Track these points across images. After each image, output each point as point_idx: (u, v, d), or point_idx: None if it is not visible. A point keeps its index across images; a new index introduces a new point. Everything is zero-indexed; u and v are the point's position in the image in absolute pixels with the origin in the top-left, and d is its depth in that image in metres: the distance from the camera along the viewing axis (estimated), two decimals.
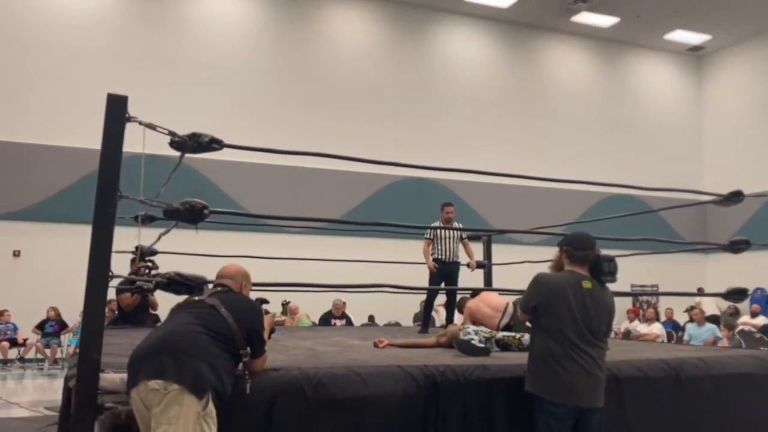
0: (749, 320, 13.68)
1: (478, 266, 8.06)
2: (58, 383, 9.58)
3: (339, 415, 3.45)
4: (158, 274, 3.67)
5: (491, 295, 6.59)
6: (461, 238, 7.81)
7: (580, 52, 18.59)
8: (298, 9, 15.84)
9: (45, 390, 10.20)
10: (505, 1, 16.62)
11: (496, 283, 8.51)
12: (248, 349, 3.20)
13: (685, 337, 12.39)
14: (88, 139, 9.95)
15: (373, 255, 10.03)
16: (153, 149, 3.78)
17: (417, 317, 13.81)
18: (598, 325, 3.63)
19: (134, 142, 3.60)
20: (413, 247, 8.37)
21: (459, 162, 11.74)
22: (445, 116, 16.66)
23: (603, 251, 3.84)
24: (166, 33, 14.70)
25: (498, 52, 17.72)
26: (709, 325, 12.25)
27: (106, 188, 3.32)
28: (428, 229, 7.63)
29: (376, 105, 16.08)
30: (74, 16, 14.04)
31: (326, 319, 12.05)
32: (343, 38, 16.22)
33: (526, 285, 3.84)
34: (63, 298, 12.11)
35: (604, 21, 17.63)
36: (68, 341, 12.54)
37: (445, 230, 7.54)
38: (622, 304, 15.82)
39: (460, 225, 7.99)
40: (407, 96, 16.41)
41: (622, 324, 14.24)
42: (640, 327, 13.23)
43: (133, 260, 6.57)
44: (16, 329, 12.50)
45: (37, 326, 12.51)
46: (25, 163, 13.16)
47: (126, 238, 4.44)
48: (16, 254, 13.11)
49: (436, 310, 9.34)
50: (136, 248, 4.81)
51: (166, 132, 3.57)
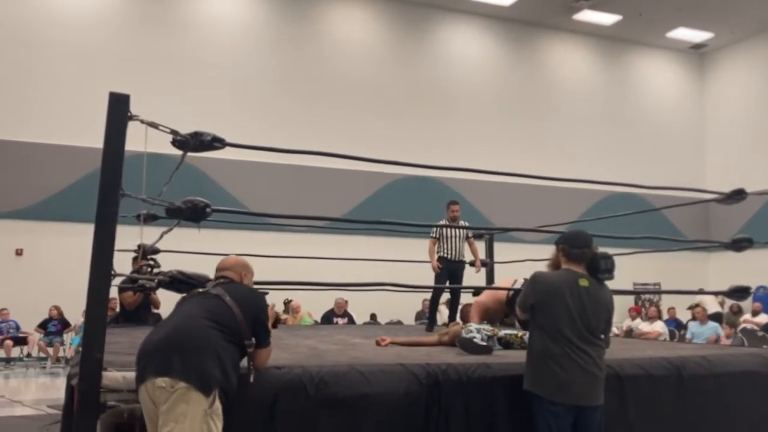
0: (751, 318, 13.66)
1: (482, 264, 8.07)
2: (60, 382, 9.60)
3: (341, 413, 3.45)
4: (160, 273, 3.68)
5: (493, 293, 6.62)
6: (467, 237, 7.77)
7: (582, 50, 18.56)
8: (300, 7, 15.83)
9: (48, 388, 10.22)
10: None
11: (498, 282, 8.50)
12: (253, 339, 3.16)
13: (688, 335, 12.38)
14: (91, 137, 9.97)
15: (375, 253, 10.04)
16: (155, 148, 3.80)
17: (419, 315, 13.83)
18: (596, 324, 3.63)
19: (136, 140, 3.60)
20: (415, 246, 8.38)
21: (461, 160, 11.71)
22: (447, 115, 16.65)
23: (606, 250, 3.84)
24: (169, 32, 14.71)
25: (500, 50, 17.70)
26: (711, 324, 12.24)
27: (109, 187, 3.32)
28: (434, 228, 7.58)
29: (378, 103, 16.08)
30: (76, 15, 14.05)
31: (328, 318, 12.06)
32: (346, 37, 16.21)
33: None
34: (65, 297, 12.11)
35: (606, 19, 17.61)
36: (71, 340, 12.56)
37: (451, 229, 7.51)
38: (625, 303, 15.82)
39: (466, 223, 7.94)
40: (409, 94, 16.41)
41: (624, 322, 14.22)
42: (642, 325, 13.21)
43: (135, 259, 6.57)
44: (18, 328, 12.52)
45: (40, 325, 12.53)
46: (28, 162, 13.18)
47: (128, 237, 4.44)
48: (19, 253, 13.13)
49: (438, 310, 9.34)
50: (139, 247, 4.81)
51: (168, 131, 3.58)
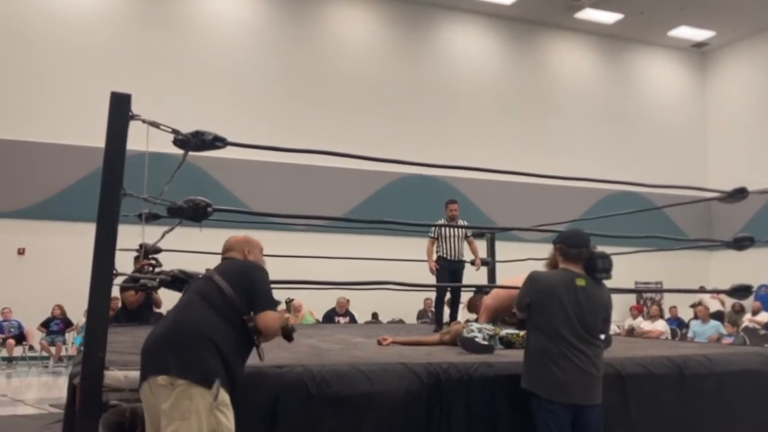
0: (753, 317, 13.64)
1: (483, 264, 8.04)
2: (62, 381, 9.61)
3: (343, 412, 3.45)
4: (162, 272, 3.68)
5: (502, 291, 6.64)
6: (466, 237, 7.70)
7: (583, 48, 18.55)
8: (302, 7, 15.83)
9: (50, 387, 10.23)
10: None
11: (499, 281, 8.49)
12: (252, 313, 3.03)
13: (689, 334, 12.37)
14: (92, 137, 9.97)
15: (377, 252, 10.03)
16: (156, 147, 3.79)
17: (421, 315, 13.83)
18: (592, 323, 3.63)
19: (138, 140, 3.60)
20: (417, 245, 8.37)
21: (463, 159, 11.67)
22: (448, 113, 16.65)
23: (607, 248, 3.83)
24: (170, 31, 14.71)
25: (501, 49, 17.69)
26: (713, 322, 12.23)
27: (110, 186, 3.33)
28: (432, 228, 7.51)
29: (380, 102, 16.08)
30: (78, 14, 14.06)
31: (330, 317, 12.06)
32: (347, 36, 16.21)
33: None
34: (67, 296, 12.13)
35: (608, 17, 17.60)
36: (73, 339, 12.57)
37: (450, 228, 7.47)
38: (626, 302, 15.81)
39: (465, 223, 7.88)
40: (411, 93, 16.40)
41: (625, 321, 14.22)
42: (643, 324, 13.21)
43: (137, 258, 6.58)
44: (20, 327, 12.53)
45: (42, 324, 12.55)
46: (30, 161, 13.19)
47: (130, 236, 4.44)
48: (21, 252, 13.15)
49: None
50: (140, 246, 4.82)
51: (170, 130, 3.58)
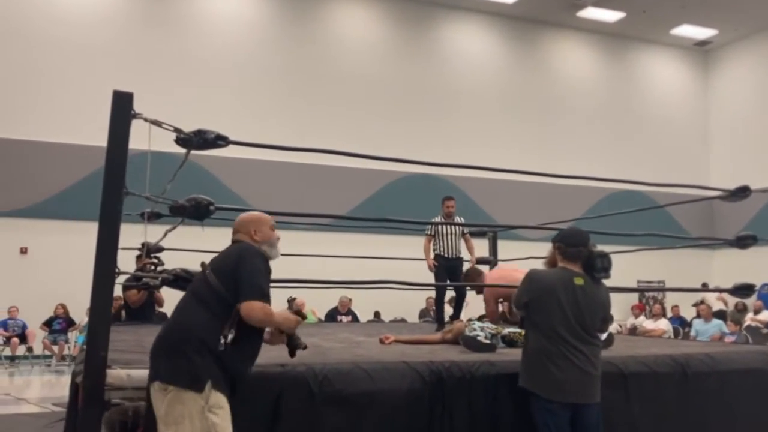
0: (756, 316, 13.62)
1: (484, 262, 8.00)
2: (65, 379, 9.62)
3: (345, 410, 3.45)
4: (165, 271, 3.68)
5: (507, 270, 6.65)
6: (462, 234, 7.61)
7: (585, 47, 18.53)
8: (304, 6, 15.83)
9: (53, 386, 10.25)
10: None
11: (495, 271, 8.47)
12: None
13: (692, 332, 12.35)
14: (95, 136, 9.97)
15: (379, 251, 10.03)
16: (159, 146, 3.79)
17: (423, 313, 13.81)
18: (591, 322, 3.63)
19: (140, 139, 3.60)
20: (419, 244, 8.34)
21: (465, 158, 11.67)
22: (450, 112, 16.64)
23: (609, 247, 3.83)
24: (172, 30, 14.72)
25: (504, 47, 17.68)
26: (715, 321, 12.21)
27: (113, 185, 3.33)
28: (429, 225, 7.47)
29: (382, 102, 16.07)
30: (80, 14, 14.07)
31: (332, 316, 12.06)
32: (349, 35, 16.21)
33: None
34: (69, 295, 12.16)
35: (610, 16, 17.58)
36: (75, 339, 12.60)
37: (446, 226, 7.39)
38: (629, 300, 15.80)
39: (462, 220, 7.75)
40: (413, 92, 16.40)
41: (628, 320, 14.20)
42: (646, 323, 13.19)
43: (139, 257, 6.59)
44: (25, 327, 12.55)
45: (45, 323, 12.57)
46: (32, 160, 13.21)
47: (132, 235, 4.45)
48: (23, 251, 13.17)
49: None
50: (143, 245, 4.82)
51: (172, 129, 3.58)
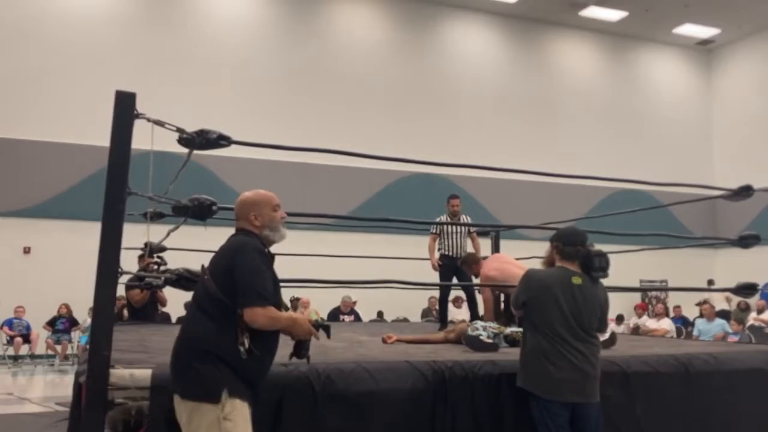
0: (758, 315, 13.60)
1: None
2: (68, 379, 9.64)
3: (347, 410, 3.45)
4: (167, 271, 3.68)
5: (504, 258, 6.64)
6: (469, 232, 7.55)
7: (588, 46, 18.51)
8: (307, 6, 15.84)
9: (56, 386, 10.27)
10: None
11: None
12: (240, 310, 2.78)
13: (695, 332, 12.34)
14: (97, 136, 9.96)
15: (382, 251, 10.04)
16: (161, 146, 3.79)
17: (425, 313, 13.82)
18: (588, 322, 3.63)
19: (143, 139, 3.61)
20: (421, 243, 8.35)
21: (467, 157, 11.71)
22: (453, 112, 16.64)
23: (612, 246, 3.83)
24: (175, 30, 14.74)
25: (506, 47, 17.67)
26: (718, 321, 12.19)
27: (116, 185, 3.33)
28: (433, 224, 7.44)
29: (384, 101, 16.08)
30: (83, 14, 14.09)
31: (335, 315, 12.06)
32: (351, 35, 16.21)
33: None
34: (72, 295, 12.18)
35: (613, 15, 17.56)
36: (78, 338, 12.62)
37: (451, 225, 7.38)
38: (631, 300, 15.78)
39: (468, 218, 7.72)
40: (415, 92, 16.40)
41: (630, 319, 14.19)
42: (648, 322, 13.18)
43: (142, 257, 6.60)
44: (29, 328, 12.56)
45: (48, 323, 12.59)
46: (35, 160, 13.24)
47: (135, 235, 4.46)
48: (27, 251, 13.20)
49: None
50: (145, 245, 4.83)
51: (175, 129, 3.58)
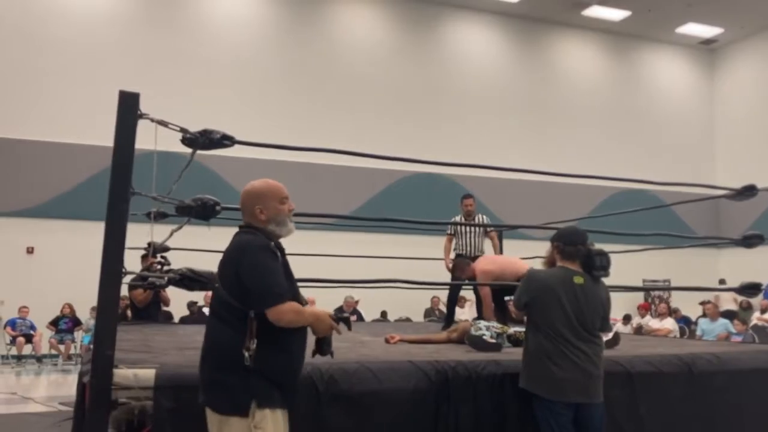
0: (762, 315, 13.58)
1: None
2: (72, 379, 9.66)
3: (350, 410, 3.45)
4: (171, 270, 3.68)
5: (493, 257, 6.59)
6: (486, 232, 7.34)
7: (591, 46, 18.49)
8: (309, 6, 15.84)
9: (59, 385, 10.28)
10: None
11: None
12: (252, 313, 2.67)
13: (698, 332, 12.32)
14: (101, 136, 10.01)
15: (384, 251, 10.03)
16: (165, 146, 3.81)
17: (428, 313, 13.82)
18: (591, 321, 3.63)
19: (146, 139, 3.61)
20: (424, 243, 8.36)
21: (469, 157, 11.71)
22: (455, 111, 16.63)
23: (615, 246, 3.83)
24: (177, 30, 14.75)
25: (508, 46, 17.65)
26: (722, 320, 12.17)
27: (119, 185, 3.33)
28: (449, 225, 7.35)
29: (387, 101, 16.07)
30: (86, 14, 14.11)
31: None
32: (353, 35, 16.21)
33: None
34: (76, 295, 12.20)
35: (615, 14, 17.54)
36: (81, 338, 12.64)
37: (467, 224, 7.33)
38: (634, 300, 15.77)
39: (485, 218, 7.48)
40: (417, 92, 16.39)
41: (633, 319, 14.18)
42: (651, 322, 13.16)
43: (144, 257, 6.62)
44: (32, 328, 12.58)
45: (51, 322, 12.61)
46: (38, 160, 13.26)
47: (138, 235, 4.47)
48: (30, 251, 13.22)
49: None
50: (149, 244, 4.84)
51: (178, 129, 3.59)
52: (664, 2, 16.75)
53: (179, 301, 10.82)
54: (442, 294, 12.81)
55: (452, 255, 7.36)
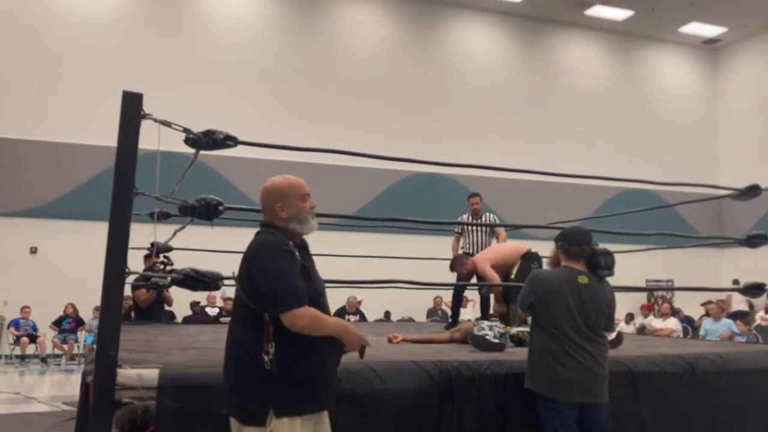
0: (766, 315, 13.54)
1: None
2: (75, 378, 9.68)
3: (354, 410, 3.44)
4: (174, 271, 3.68)
5: (495, 247, 6.56)
6: (493, 229, 7.25)
7: (593, 46, 18.47)
8: (311, 6, 15.85)
9: (63, 385, 10.30)
10: None
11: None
12: (267, 315, 2.56)
13: (701, 332, 12.29)
14: (104, 136, 10.03)
15: (387, 251, 10.03)
16: (168, 146, 3.80)
17: (430, 313, 13.82)
18: (596, 321, 3.63)
19: (149, 139, 3.61)
20: (427, 243, 8.36)
21: (472, 157, 11.71)
22: (458, 111, 16.62)
23: (618, 246, 3.83)
24: (178, 30, 14.77)
25: (511, 46, 17.64)
26: (725, 320, 12.14)
27: (123, 185, 3.33)
28: (456, 225, 7.39)
29: (389, 101, 16.07)
30: (90, 15, 14.14)
31: (340, 315, 12.07)
32: (357, 35, 16.21)
33: None
34: (79, 295, 12.22)
35: (618, 14, 17.52)
36: (84, 338, 12.66)
37: (473, 222, 7.27)
38: (637, 300, 15.74)
39: (493, 216, 7.41)
40: (420, 91, 16.39)
41: (636, 319, 14.16)
42: (654, 322, 13.14)
43: (147, 256, 6.62)
44: (35, 328, 12.62)
45: (55, 322, 12.64)
46: (42, 160, 13.29)
47: (141, 235, 4.46)
48: (33, 251, 13.24)
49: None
50: (152, 244, 4.84)
51: (181, 129, 3.59)
52: (667, 2, 16.73)
53: (182, 301, 10.83)
54: (445, 294, 12.82)
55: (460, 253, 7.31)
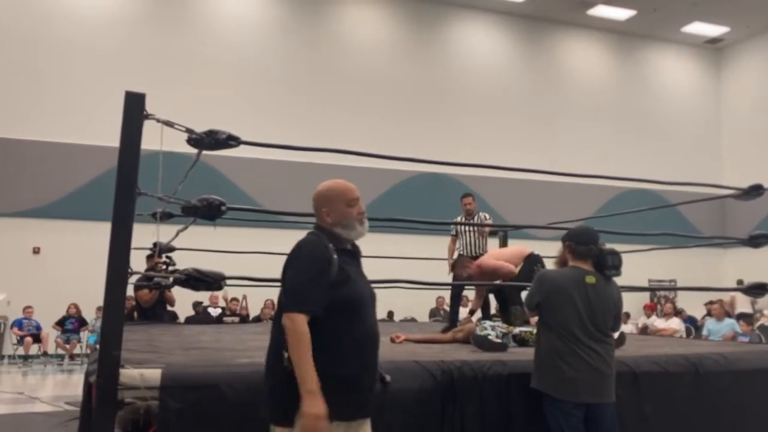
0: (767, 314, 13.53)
1: None
2: (77, 378, 9.69)
3: None
4: (176, 271, 3.68)
5: (498, 251, 6.57)
6: (488, 231, 7.24)
7: (596, 45, 18.46)
8: (314, 7, 15.86)
9: (65, 385, 10.32)
10: None
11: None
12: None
13: (704, 332, 12.27)
14: (107, 136, 10.04)
15: (389, 251, 10.01)
16: (170, 146, 3.80)
17: (433, 313, 13.81)
18: (603, 321, 3.63)
19: (152, 139, 3.62)
20: (429, 243, 8.35)
21: (475, 157, 11.67)
22: (460, 111, 16.62)
23: (621, 246, 3.82)
24: (181, 30, 14.78)
25: (513, 46, 17.63)
26: (728, 321, 12.12)
27: (125, 185, 3.34)
28: (451, 225, 7.34)
29: (392, 101, 16.08)
30: (93, 15, 14.16)
31: None
32: (358, 35, 16.22)
33: None
34: (81, 295, 12.24)
35: (621, 14, 17.51)
36: (87, 338, 12.68)
37: (467, 223, 7.31)
38: (640, 300, 15.71)
39: (486, 216, 7.43)
40: (422, 91, 16.39)
41: (639, 319, 14.14)
42: (657, 322, 13.13)
43: (150, 257, 6.63)
44: (39, 327, 12.64)
45: (57, 322, 12.66)
46: (44, 160, 13.31)
47: (144, 235, 4.47)
48: (36, 251, 13.27)
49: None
50: (154, 245, 4.85)
51: (184, 129, 3.59)
52: (669, 1, 16.71)
53: (184, 301, 10.84)
54: (447, 294, 12.80)
55: (455, 255, 7.32)
